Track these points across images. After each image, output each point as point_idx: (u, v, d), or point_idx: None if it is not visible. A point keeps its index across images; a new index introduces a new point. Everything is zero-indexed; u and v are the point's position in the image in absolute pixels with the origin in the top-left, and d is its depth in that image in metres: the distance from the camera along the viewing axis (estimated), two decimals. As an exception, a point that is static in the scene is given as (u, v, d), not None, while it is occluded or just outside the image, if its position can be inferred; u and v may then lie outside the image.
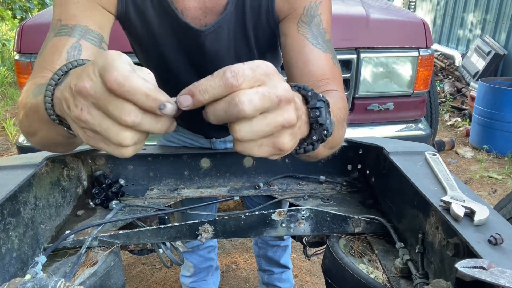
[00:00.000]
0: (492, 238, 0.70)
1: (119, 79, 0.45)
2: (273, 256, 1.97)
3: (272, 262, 2.01)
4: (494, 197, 3.37)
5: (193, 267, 1.94)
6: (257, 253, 2.04)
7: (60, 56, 0.82)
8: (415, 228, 0.97)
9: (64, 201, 1.16)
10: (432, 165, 1.01)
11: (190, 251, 1.88)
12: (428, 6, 8.04)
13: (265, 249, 1.96)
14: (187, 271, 1.98)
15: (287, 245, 1.98)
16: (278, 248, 1.95)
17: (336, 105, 0.82)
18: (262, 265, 2.06)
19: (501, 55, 5.72)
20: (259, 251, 2.01)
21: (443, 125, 5.02)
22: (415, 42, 2.12)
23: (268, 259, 2.00)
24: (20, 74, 2.01)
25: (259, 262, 2.07)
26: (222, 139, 1.42)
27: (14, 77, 6.04)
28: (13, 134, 4.53)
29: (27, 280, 0.72)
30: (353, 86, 2.12)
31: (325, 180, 1.35)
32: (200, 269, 1.96)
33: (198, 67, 1.10)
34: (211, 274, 2.03)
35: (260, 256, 2.04)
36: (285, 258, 2.01)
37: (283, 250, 1.97)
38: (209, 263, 1.98)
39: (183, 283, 2.02)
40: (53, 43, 0.85)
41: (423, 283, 0.84)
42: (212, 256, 1.99)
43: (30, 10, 6.77)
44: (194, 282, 1.99)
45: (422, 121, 2.31)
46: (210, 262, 1.99)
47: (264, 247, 1.96)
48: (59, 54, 0.82)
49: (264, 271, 2.07)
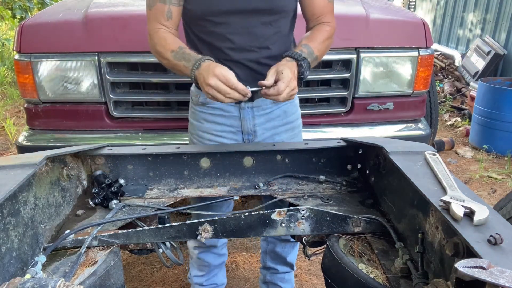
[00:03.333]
0: (491, 238, 0.70)
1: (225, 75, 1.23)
2: (281, 252, 1.96)
3: (279, 259, 1.99)
4: (493, 197, 3.37)
5: (208, 266, 1.94)
6: (265, 249, 2.03)
7: (163, 17, 1.39)
8: (415, 228, 0.97)
9: (64, 201, 1.16)
10: (431, 165, 1.01)
11: (206, 250, 1.88)
12: (428, 5, 8.04)
13: (274, 244, 1.95)
14: (199, 271, 1.97)
15: (296, 242, 1.94)
16: (287, 244, 1.94)
17: (323, 38, 1.46)
18: (267, 262, 2.04)
19: (501, 55, 5.72)
20: (267, 246, 2.00)
21: (442, 125, 5.02)
22: (415, 42, 2.12)
23: (275, 255, 1.99)
24: (19, 73, 2.01)
25: (264, 259, 2.05)
26: (250, 105, 1.52)
27: (13, 77, 6.04)
28: (13, 133, 4.53)
29: (26, 280, 0.72)
30: (353, 86, 2.12)
31: (325, 180, 1.35)
32: (214, 267, 1.96)
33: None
34: (221, 268, 2.03)
35: (266, 252, 2.02)
36: (292, 256, 2.00)
37: (292, 247, 1.97)
38: (222, 259, 1.99)
39: (196, 283, 2.00)
40: (157, 7, 1.39)
41: (423, 282, 0.84)
42: (225, 252, 2.00)
43: (30, 9, 6.77)
44: (208, 279, 1.99)
45: (422, 121, 2.31)
46: (223, 258, 2.00)
47: (273, 241, 1.95)
48: (162, 16, 1.39)
49: (268, 269, 2.06)
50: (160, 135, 2.09)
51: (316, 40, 1.43)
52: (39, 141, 2.08)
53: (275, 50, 1.45)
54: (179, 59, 1.34)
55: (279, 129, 1.59)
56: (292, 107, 1.62)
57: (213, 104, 1.52)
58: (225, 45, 1.41)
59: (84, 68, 1.99)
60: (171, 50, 1.36)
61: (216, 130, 1.55)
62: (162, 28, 1.40)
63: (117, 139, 2.07)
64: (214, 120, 1.55)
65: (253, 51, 1.43)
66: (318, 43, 1.43)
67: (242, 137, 1.57)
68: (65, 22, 2.01)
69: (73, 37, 1.96)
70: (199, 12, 1.38)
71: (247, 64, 1.44)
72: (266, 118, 1.55)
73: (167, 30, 1.40)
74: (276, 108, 1.56)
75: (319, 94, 2.17)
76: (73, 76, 2.01)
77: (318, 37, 1.45)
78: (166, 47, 1.37)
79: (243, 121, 1.53)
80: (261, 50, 1.44)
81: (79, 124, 2.09)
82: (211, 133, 1.56)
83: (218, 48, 1.42)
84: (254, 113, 1.53)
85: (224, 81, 1.22)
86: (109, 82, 2.00)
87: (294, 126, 1.65)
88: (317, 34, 1.46)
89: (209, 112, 1.54)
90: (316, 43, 1.42)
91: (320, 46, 1.44)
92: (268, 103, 1.53)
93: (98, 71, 1.98)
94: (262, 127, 1.55)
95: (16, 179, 0.90)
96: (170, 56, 1.35)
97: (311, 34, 1.47)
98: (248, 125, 1.54)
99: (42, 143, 2.07)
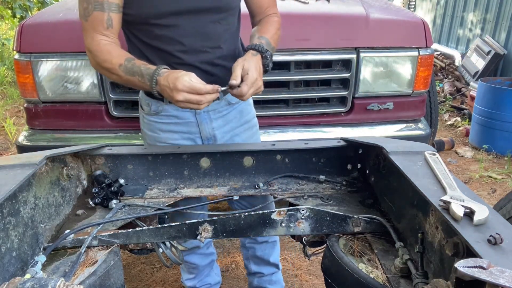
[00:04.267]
0: (491, 237, 0.70)
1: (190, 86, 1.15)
2: (262, 255, 1.94)
3: (262, 262, 1.97)
4: (493, 196, 3.37)
5: (196, 268, 1.93)
6: (246, 256, 2.00)
7: (103, 26, 1.26)
8: (415, 227, 0.97)
9: (64, 201, 1.16)
10: (431, 164, 1.01)
11: (190, 252, 1.87)
12: (428, 5, 8.04)
13: (253, 249, 1.93)
14: (189, 274, 1.96)
15: (275, 241, 1.95)
16: (267, 244, 1.92)
17: (275, 29, 1.44)
18: (251, 268, 2.01)
19: (501, 54, 5.71)
20: (247, 252, 1.97)
21: (442, 125, 5.02)
22: (415, 41, 2.12)
23: (258, 259, 1.97)
24: (19, 73, 2.01)
25: (248, 266, 2.02)
26: (205, 109, 1.45)
27: (13, 76, 6.03)
28: (13, 133, 4.53)
29: (26, 280, 0.72)
30: (353, 85, 2.12)
31: (325, 179, 1.35)
32: (203, 267, 1.95)
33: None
34: (212, 267, 2.02)
35: (249, 258, 2.00)
36: (275, 256, 1.98)
37: (272, 247, 1.94)
38: (210, 258, 1.97)
39: (189, 287, 2.00)
40: (95, 16, 1.25)
41: (423, 282, 0.84)
42: (212, 251, 1.98)
43: (30, 9, 6.76)
44: (201, 281, 1.98)
45: (422, 121, 2.31)
46: (212, 257, 1.98)
47: (252, 246, 1.93)
48: (102, 25, 1.26)
49: (254, 274, 2.03)
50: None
51: (269, 32, 1.41)
52: (39, 141, 2.08)
53: (226, 49, 1.41)
54: (131, 74, 1.23)
55: (237, 130, 1.56)
56: (247, 106, 1.59)
57: (166, 112, 1.46)
58: (176, 48, 1.34)
59: (84, 68, 1.99)
60: (119, 64, 1.23)
61: (174, 138, 1.50)
62: (103, 40, 1.26)
63: (117, 139, 2.08)
64: (170, 129, 1.49)
65: (206, 51, 1.37)
66: (272, 34, 1.41)
67: (202, 142, 1.53)
68: (65, 22, 2.01)
69: (73, 37, 1.96)
70: (143, 16, 1.29)
71: (199, 66, 1.38)
72: (224, 120, 1.52)
73: (109, 41, 1.27)
74: (231, 109, 1.52)
75: (319, 94, 2.17)
76: (73, 76, 2.01)
77: (270, 29, 1.42)
78: (113, 61, 1.24)
79: (201, 126, 1.49)
80: (214, 50, 1.38)
81: (79, 124, 2.09)
82: (170, 143, 1.50)
83: (167, 52, 1.34)
84: (210, 116, 1.48)
85: (192, 91, 1.14)
86: (109, 82, 2.00)
87: (252, 125, 1.62)
88: (268, 26, 1.43)
89: (163, 121, 1.48)
90: (270, 34, 1.40)
91: (275, 37, 1.42)
92: (223, 105, 1.49)
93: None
94: (221, 130, 1.52)
95: (16, 179, 0.90)
96: (120, 72, 1.23)
97: (262, 27, 1.43)
98: (207, 130, 1.50)
99: (42, 143, 2.07)
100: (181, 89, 1.14)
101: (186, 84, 1.14)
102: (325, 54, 2.07)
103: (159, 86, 1.19)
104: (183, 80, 1.14)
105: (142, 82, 1.22)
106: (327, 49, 2.07)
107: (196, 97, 1.15)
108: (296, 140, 2.07)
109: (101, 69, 1.29)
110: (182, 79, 1.14)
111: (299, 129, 2.16)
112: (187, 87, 1.14)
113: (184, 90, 1.14)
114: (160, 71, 1.20)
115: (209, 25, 1.35)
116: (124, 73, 1.23)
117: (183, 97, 1.14)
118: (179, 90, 1.14)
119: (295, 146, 1.38)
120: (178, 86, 1.14)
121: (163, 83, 1.17)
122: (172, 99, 1.17)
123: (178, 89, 1.14)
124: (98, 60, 1.27)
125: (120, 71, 1.23)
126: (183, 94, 1.14)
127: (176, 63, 1.35)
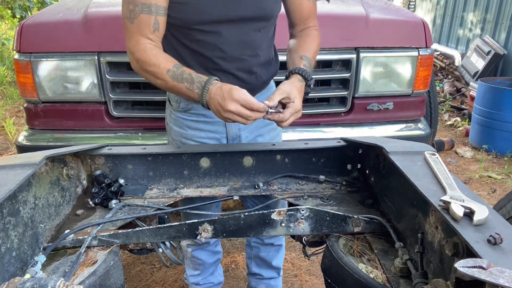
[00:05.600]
0: (491, 237, 0.70)
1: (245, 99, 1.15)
2: (265, 257, 1.94)
3: (264, 263, 1.97)
4: (493, 196, 3.37)
5: (203, 264, 1.93)
6: (249, 255, 2.01)
7: (149, 30, 1.25)
8: (415, 227, 0.97)
9: (64, 201, 1.16)
10: (431, 165, 1.01)
11: (199, 248, 1.87)
12: (428, 5, 8.04)
13: (258, 249, 1.94)
14: (194, 270, 1.96)
15: (280, 245, 1.95)
16: (272, 247, 1.93)
17: (316, 46, 1.45)
18: (252, 268, 2.02)
19: (501, 55, 5.71)
20: (251, 252, 1.98)
21: (442, 125, 5.02)
22: (415, 41, 2.12)
23: (260, 260, 1.97)
24: (19, 73, 2.01)
25: (250, 265, 2.03)
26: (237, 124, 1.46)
27: (13, 76, 6.03)
28: (13, 133, 4.52)
29: (26, 280, 0.72)
30: (353, 85, 2.12)
31: (325, 179, 1.35)
32: (209, 264, 1.95)
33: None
34: (217, 266, 2.03)
35: (251, 258, 2.00)
36: (278, 260, 1.98)
37: (276, 250, 1.95)
38: (217, 257, 1.98)
39: (192, 283, 1.99)
40: (141, 19, 1.24)
41: (423, 282, 0.84)
42: (219, 249, 1.99)
43: (30, 9, 6.76)
44: (204, 278, 1.98)
45: (422, 121, 2.31)
46: (218, 256, 1.99)
47: (257, 246, 1.93)
48: (148, 28, 1.25)
49: (253, 275, 2.03)
50: (160, 134, 2.09)
51: (310, 50, 1.42)
52: (39, 141, 2.08)
53: (263, 57, 1.42)
54: (179, 80, 1.22)
55: (262, 130, 1.56)
56: None
57: (195, 110, 1.46)
58: (215, 54, 1.34)
59: (84, 68, 1.99)
60: (167, 69, 1.23)
61: (200, 137, 1.50)
62: (148, 43, 1.25)
63: (117, 138, 2.07)
64: (197, 127, 1.50)
65: (244, 59, 1.37)
66: (313, 52, 1.43)
67: (227, 142, 1.53)
68: (65, 21, 2.01)
69: (73, 36, 1.96)
70: (187, 21, 1.29)
71: (236, 73, 1.38)
72: None
73: (154, 45, 1.27)
74: None
75: (319, 94, 2.17)
76: (73, 76, 2.01)
77: (312, 46, 1.43)
78: (160, 66, 1.23)
79: (228, 126, 1.49)
80: (252, 58, 1.39)
81: (79, 123, 2.09)
82: (195, 140, 1.51)
83: (206, 57, 1.35)
84: None
85: (245, 105, 1.15)
86: (109, 81, 2.00)
87: (276, 126, 1.59)
88: (310, 42, 1.44)
89: (192, 119, 1.49)
90: (311, 52, 1.41)
91: (315, 55, 1.44)
92: None
93: (98, 70, 1.98)
94: (247, 130, 1.52)
95: (16, 179, 0.90)
96: (168, 77, 1.23)
97: (303, 43, 1.44)
98: (234, 130, 1.50)
99: (42, 143, 2.07)
100: (236, 99, 1.14)
101: (242, 96, 1.15)
102: (325, 54, 2.07)
103: (210, 95, 1.19)
104: (240, 91, 1.16)
105: (189, 89, 1.22)
106: (327, 49, 2.07)
107: (247, 112, 1.16)
108: (296, 140, 2.07)
109: (145, 73, 1.28)
110: (238, 91, 1.16)
111: (299, 129, 2.16)
112: (243, 99, 1.15)
113: (239, 102, 1.15)
114: (213, 80, 1.21)
115: (250, 34, 1.35)
116: (172, 79, 1.23)
117: (235, 108, 1.15)
118: (234, 100, 1.15)
119: (295, 146, 1.38)
120: (234, 96, 1.15)
121: (215, 91, 1.18)
122: (222, 108, 1.16)
123: (234, 98, 1.14)
124: (142, 64, 1.25)
125: (168, 77, 1.23)
126: (236, 105, 1.15)
127: (214, 68, 1.36)
